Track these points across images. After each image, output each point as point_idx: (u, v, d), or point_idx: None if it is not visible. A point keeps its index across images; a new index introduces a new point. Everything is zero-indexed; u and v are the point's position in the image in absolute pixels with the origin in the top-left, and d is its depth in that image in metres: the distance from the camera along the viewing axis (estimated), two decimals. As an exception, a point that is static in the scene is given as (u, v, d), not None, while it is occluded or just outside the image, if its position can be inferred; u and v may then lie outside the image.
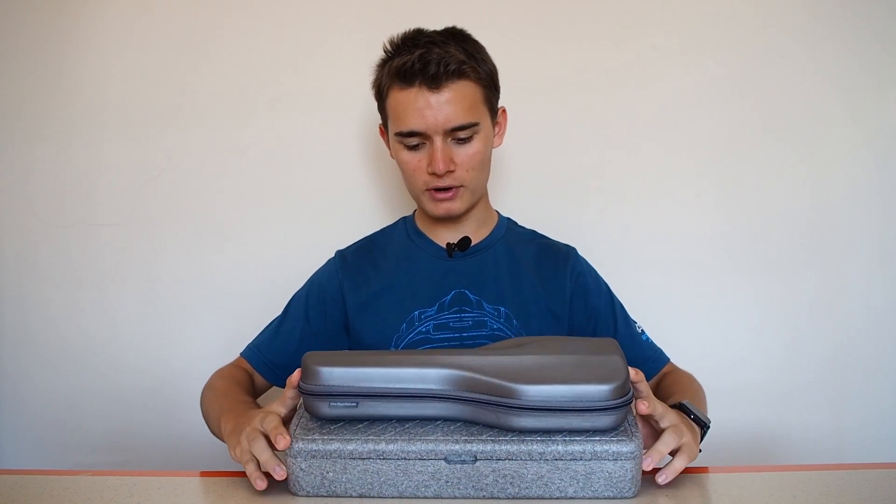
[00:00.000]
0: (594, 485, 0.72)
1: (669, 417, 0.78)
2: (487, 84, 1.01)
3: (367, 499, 0.74)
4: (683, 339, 1.21)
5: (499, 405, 0.73)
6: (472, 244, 1.08)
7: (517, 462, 0.72)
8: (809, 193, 1.34)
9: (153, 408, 1.41)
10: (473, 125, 0.98)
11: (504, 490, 0.73)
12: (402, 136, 0.99)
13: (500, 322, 1.04)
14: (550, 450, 0.71)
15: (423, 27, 1.01)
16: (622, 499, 0.73)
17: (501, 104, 1.07)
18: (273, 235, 1.38)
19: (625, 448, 0.71)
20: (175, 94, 1.36)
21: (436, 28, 1.01)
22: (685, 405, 0.84)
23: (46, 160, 1.38)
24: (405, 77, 0.95)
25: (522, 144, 1.31)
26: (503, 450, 0.72)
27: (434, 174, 0.98)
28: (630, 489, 0.73)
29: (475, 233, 1.09)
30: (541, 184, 1.36)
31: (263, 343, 1.08)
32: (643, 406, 0.76)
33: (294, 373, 0.78)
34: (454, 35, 1.00)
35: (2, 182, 1.40)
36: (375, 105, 1.05)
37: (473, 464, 0.73)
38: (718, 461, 0.89)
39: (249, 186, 1.37)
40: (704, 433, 0.84)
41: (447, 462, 0.73)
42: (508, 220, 1.16)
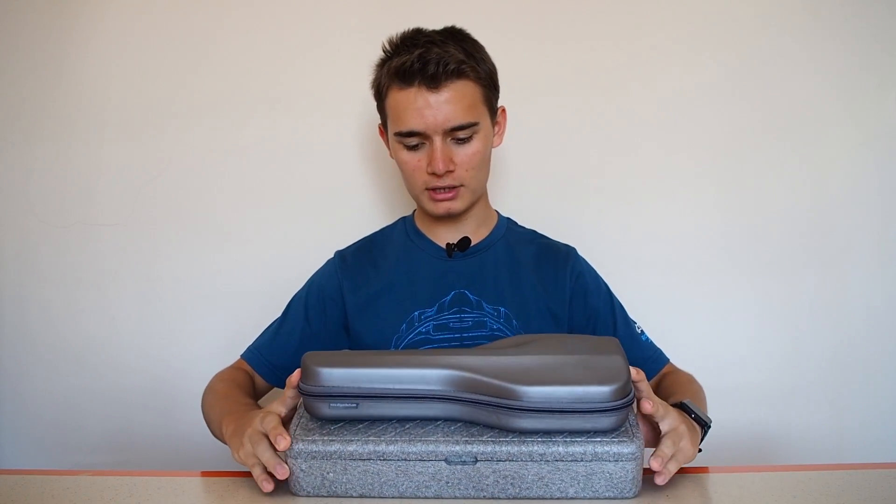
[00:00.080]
0: (595, 485, 0.72)
1: (670, 419, 0.78)
2: (487, 84, 1.00)
3: (368, 499, 0.74)
4: (683, 339, 1.21)
5: (499, 406, 0.72)
6: (472, 244, 1.08)
7: (518, 463, 0.72)
8: (809, 193, 1.34)
9: (153, 408, 1.41)
10: (473, 125, 0.98)
11: (504, 490, 0.73)
12: (402, 136, 0.99)
13: (500, 322, 1.04)
14: (551, 451, 0.71)
15: (423, 27, 1.01)
16: (623, 499, 0.73)
17: (501, 104, 1.06)
18: (273, 235, 1.38)
19: (626, 449, 0.71)
20: (175, 94, 1.36)
21: (435, 28, 1.01)
22: (686, 404, 0.84)
23: (46, 160, 1.38)
24: (404, 77, 0.95)
25: (522, 144, 1.31)
26: (504, 451, 0.72)
27: (434, 174, 0.98)
28: (631, 490, 0.73)
29: (475, 233, 1.09)
30: (541, 184, 1.36)
31: (263, 344, 1.08)
32: (647, 405, 0.76)
33: (294, 373, 0.78)
34: (453, 35, 1.00)
35: (2, 182, 1.40)
36: (375, 105, 1.05)
37: (474, 465, 0.73)
38: (718, 461, 0.89)
39: (249, 186, 1.37)
40: (705, 433, 0.84)
41: (448, 463, 0.73)
42: (508, 220, 1.16)
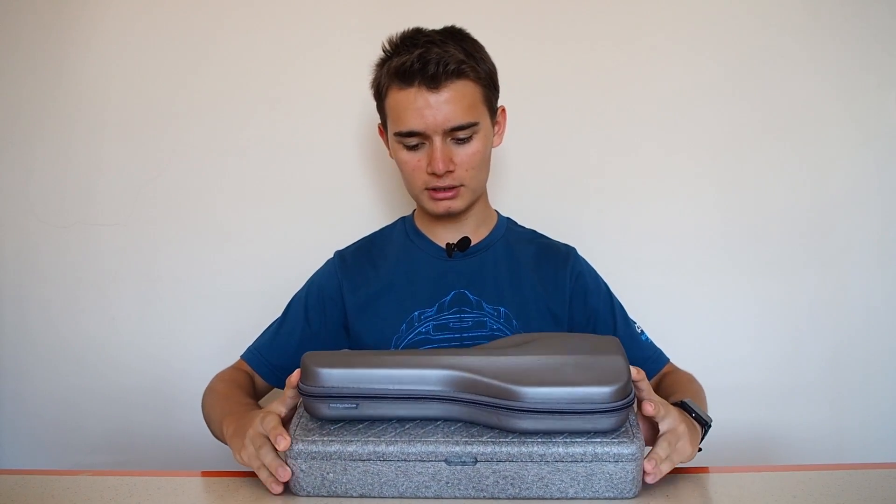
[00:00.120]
0: (595, 486, 0.72)
1: (670, 419, 0.78)
2: (487, 83, 1.00)
3: (368, 499, 0.74)
4: (683, 339, 1.21)
5: (499, 407, 0.72)
6: (472, 244, 1.08)
7: (518, 463, 0.72)
8: (809, 193, 1.34)
9: (153, 408, 1.41)
10: (473, 125, 0.98)
11: (504, 490, 0.73)
12: (402, 136, 0.99)
13: (500, 322, 1.04)
14: (551, 451, 0.71)
15: (423, 27, 1.01)
16: (623, 499, 0.73)
17: (501, 104, 1.06)
18: (273, 235, 1.38)
19: (626, 450, 0.71)
20: (175, 94, 1.36)
21: (435, 28, 1.01)
22: (686, 404, 0.84)
23: (46, 160, 1.38)
24: (404, 77, 0.95)
25: (522, 144, 1.31)
26: (504, 451, 0.72)
27: (433, 174, 0.98)
28: (631, 490, 0.73)
29: (474, 232, 1.09)
30: (541, 184, 1.36)
31: (263, 345, 1.08)
32: (649, 407, 0.76)
33: (293, 373, 0.78)
34: (453, 34, 1.00)
35: (2, 182, 1.40)
36: (375, 105, 1.05)
37: (474, 465, 0.72)
38: (718, 461, 0.89)
39: (249, 186, 1.37)
40: (706, 432, 0.84)
41: (447, 463, 0.72)
42: (508, 220, 1.15)
